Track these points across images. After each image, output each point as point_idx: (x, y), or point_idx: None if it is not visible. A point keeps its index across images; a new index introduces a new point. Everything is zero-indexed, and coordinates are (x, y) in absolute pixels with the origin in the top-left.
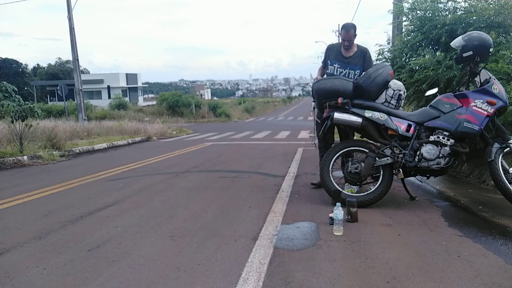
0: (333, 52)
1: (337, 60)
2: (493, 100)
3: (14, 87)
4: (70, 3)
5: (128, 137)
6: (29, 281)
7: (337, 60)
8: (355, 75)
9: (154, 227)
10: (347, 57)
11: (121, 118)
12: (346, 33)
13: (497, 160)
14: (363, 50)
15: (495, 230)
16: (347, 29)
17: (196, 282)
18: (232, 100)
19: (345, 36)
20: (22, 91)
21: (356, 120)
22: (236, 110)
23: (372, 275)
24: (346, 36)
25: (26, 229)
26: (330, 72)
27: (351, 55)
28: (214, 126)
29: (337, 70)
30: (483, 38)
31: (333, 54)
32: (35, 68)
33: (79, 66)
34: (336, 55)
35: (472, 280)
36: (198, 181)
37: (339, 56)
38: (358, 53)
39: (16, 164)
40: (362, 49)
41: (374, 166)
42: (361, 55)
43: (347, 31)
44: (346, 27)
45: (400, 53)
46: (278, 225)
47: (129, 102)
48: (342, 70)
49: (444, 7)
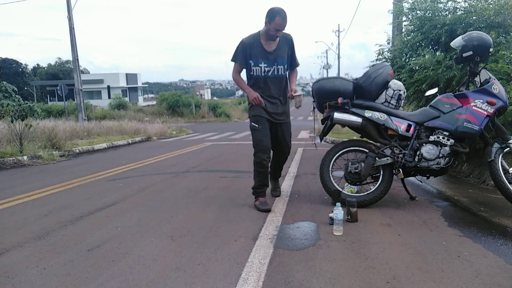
0: (254, 48)
1: (262, 59)
2: (493, 100)
3: (14, 87)
4: (70, 3)
5: (128, 137)
6: (29, 281)
7: (263, 58)
8: (284, 71)
9: (154, 227)
10: (272, 52)
11: (121, 118)
12: (282, 21)
13: (497, 160)
14: (286, 37)
15: (495, 230)
16: (284, 16)
17: (196, 282)
18: (232, 100)
19: (280, 25)
20: (22, 91)
21: (356, 120)
22: (236, 110)
23: (372, 275)
24: (281, 25)
25: (26, 229)
26: (255, 74)
27: (274, 47)
28: (214, 126)
29: (263, 69)
30: (483, 38)
31: (255, 51)
32: (35, 68)
33: (79, 66)
34: (260, 52)
35: (472, 280)
36: (198, 181)
37: (262, 52)
38: (282, 42)
39: (16, 164)
40: (284, 36)
41: (374, 166)
42: (286, 43)
43: (284, 18)
44: (282, 13)
45: (400, 53)
46: (278, 225)
47: (129, 102)
48: (269, 69)
49: (444, 7)
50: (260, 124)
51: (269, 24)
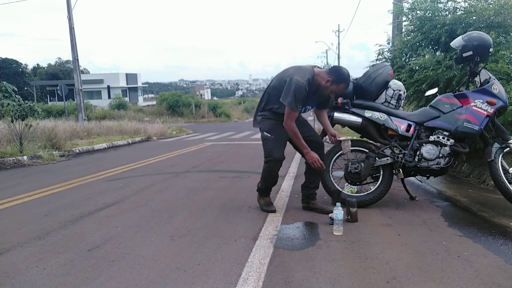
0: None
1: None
2: (493, 100)
3: (14, 87)
4: (70, 3)
5: (128, 137)
6: (29, 281)
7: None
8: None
9: (154, 227)
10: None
11: (121, 118)
12: (346, 89)
13: (497, 160)
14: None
15: (495, 230)
16: (349, 83)
17: (196, 282)
18: (232, 100)
19: (342, 91)
20: (22, 91)
21: (356, 120)
22: (236, 110)
23: (372, 275)
24: (343, 91)
25: (26, 229)
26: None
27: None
28: (214, 126)
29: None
30: (483, 38)
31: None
32: (35, 68)
33: (79, 66)
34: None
35: (472, 280)
36: (198, 181)
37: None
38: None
39: (16, 164)
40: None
41: (374, 166)
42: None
43: (348, 85)
44: (348, 80)
45: (400, 53)
46: (278, 225)
47: (129, 102)
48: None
49: (444, 7)
50: (272, 133)
51: (331, 84)
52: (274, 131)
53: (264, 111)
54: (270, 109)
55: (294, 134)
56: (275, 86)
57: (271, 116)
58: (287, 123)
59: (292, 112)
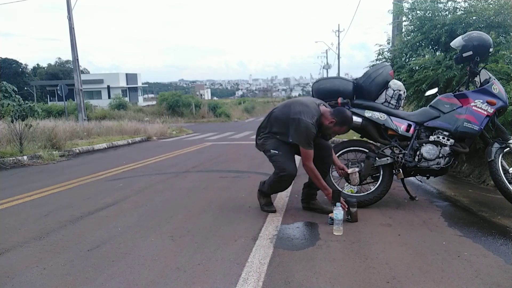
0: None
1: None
2: (493, 100)
3: (14, 87)
4: (70, 3)
5: (128, 137)
6: (29, 281)
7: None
8: None
9: (154, 227)
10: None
11: (121, 118)
12: (347, 130)
13: (497, 160)
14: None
15: (495, 230)
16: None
17: (196, 282)
18: (232, 100)
19: (344, 132)
20: (22, 91)
21: (356, 120)
22: (236, 110)
23: (372, 275)
24: (344, 132)
25: (26, 229)
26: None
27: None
28: (214, 126)
29: None
30: (483, 38)
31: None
32: (35, 68)
33: (79, 66)
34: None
35: (472, 280)
36: (198, 181)
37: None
38: None
39: (16, 164)
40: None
41: (374, 166)
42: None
43: (351, 127)
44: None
45: (400, 53)
46: (278, 225)
47: (129, 102)
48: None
49: (444, 7)
50: (279, 149)
51: (334, 126)
52: (280, 147)
53: (266, 134)
54: (274, 133)
55: (314, 176)
56: (278, 117)
57: (274, 136)
58: (306, 164)
59: (308, 152)
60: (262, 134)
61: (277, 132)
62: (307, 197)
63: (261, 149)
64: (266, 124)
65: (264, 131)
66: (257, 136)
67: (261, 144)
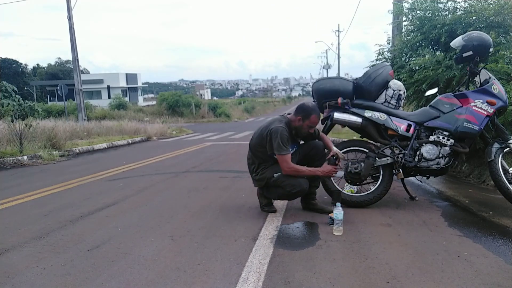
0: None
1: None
2: (493, 100)
3: (14, 87)
4: (70, 3)
5: (128, 137)
6: (29, 281)
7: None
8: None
9: (154, 227)
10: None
11: (121, 118)
12: (318, 118)
13: (497, 160)
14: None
15: (495, 230)
16: (318, 113)
17: (196, 282)
18: (232, 100)
19: (315, 122)
20: (22, 91)
21: (356, 120)
22: (236, 110)
23: (372, 275)
24: (316, 122)
25: (26, 229)
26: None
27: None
28: (214, 126)
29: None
30: (483, 38)
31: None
32: (35, 68)
33: (79, 66)
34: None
35: (472, 280)
36: (198, 181)
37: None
38: None
39: (16, 164)
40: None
41: (374, 166)
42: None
43: (318, 114)
44: (316, 109)
45: (400, 53)
46: (278, 225)
47: (129, 102)
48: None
49: (444, 7)
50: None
51: (303, 121)
52: (280, 169)
53: (257, 167)
54: (263, 162)
55: (297, 172)
56: (257, 144)
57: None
58: (285, 169)
59: (284, 156)
60: (254, 170)
61: (265, 159)
62: (306, 197)
63: (263, 183)
64: (251, 157)
65: (254, 166)
66: (251, 174)
67: (260, 179)
